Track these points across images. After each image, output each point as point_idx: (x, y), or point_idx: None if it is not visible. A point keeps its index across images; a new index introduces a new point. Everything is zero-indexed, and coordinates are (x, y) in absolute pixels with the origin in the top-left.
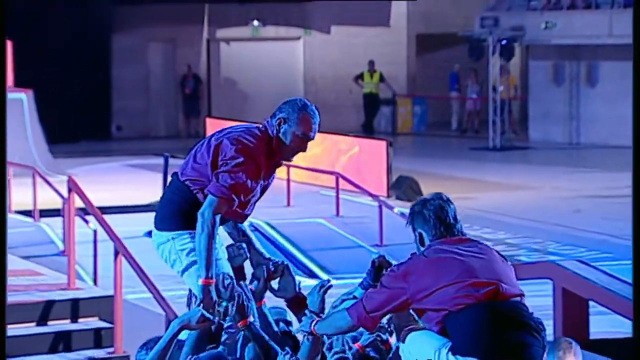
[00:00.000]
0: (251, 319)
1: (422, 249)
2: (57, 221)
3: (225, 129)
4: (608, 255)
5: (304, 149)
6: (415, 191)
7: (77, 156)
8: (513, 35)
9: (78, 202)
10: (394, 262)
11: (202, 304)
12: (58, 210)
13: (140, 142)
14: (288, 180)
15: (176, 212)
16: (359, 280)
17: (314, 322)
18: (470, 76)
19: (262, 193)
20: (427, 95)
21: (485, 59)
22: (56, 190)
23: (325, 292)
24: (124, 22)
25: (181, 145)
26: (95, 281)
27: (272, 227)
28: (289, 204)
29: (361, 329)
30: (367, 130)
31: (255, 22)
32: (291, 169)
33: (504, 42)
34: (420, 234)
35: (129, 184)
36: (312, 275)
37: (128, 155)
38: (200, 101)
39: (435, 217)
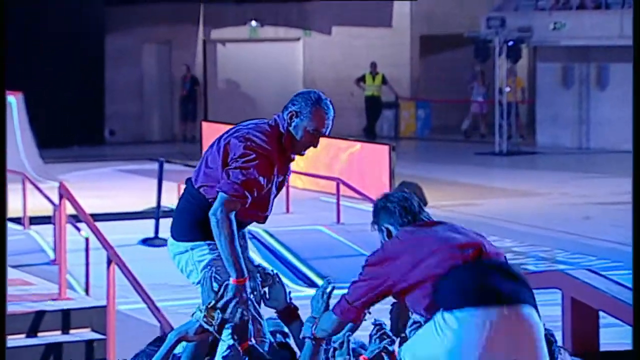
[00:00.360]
0: (252, 341)
1: None
2: (48, 229)
3: (234, 127)
4: (619, 264)
5: (315, 144)
6: (419, 197)
7: (69, 161)
8: (520, 36)
9: (69, 209)
10: None
11: (205, 315)
12: (49, 217)
13: (134, 147)
14: (287, 186)
15: (193, 221)
16: None
17: (314, 326)
18: (477, 78)
19: (278, 190)
20: (431, 98)
21: (491, 61)
22: (47, 197)
23: (329, 297)
24: (118, 22)
25: (177, 150)
26: (87, 291)
27: (271, 235)
28: (288, 211)
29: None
30: (369, 135)
31: (253, 23)
32: (290, 174)
33: (510, 43)
34: (388, 230)
35: (122, 190)
36: (312, 284)
37: (121, 161)
38: (198, 104)
39: (400, 207)
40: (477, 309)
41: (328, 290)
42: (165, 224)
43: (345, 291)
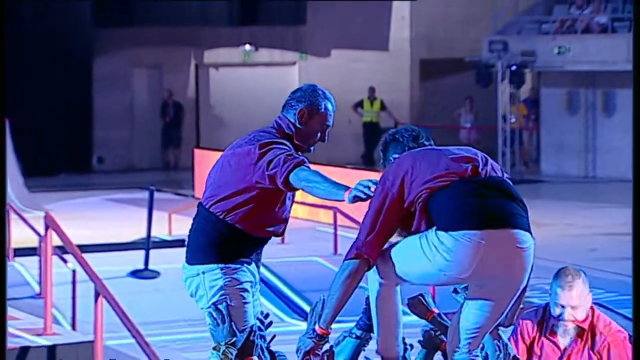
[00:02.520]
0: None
1: None
2: (33, 261)
3: (233, 143)
4: (627, 297)
5: (325, 139)
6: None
7: (55, 190)
8: (523, 61)
9: (56, 240)
10: None
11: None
12: (34, 248)
13: (124, 175)
14: None
15: (206, 243)
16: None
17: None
18: (465, 104)
19: (290, 205)
20: (431, 124)
21: (494, 86)
22: (32, 227)
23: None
24: (107, 45)
25: (168, 178)
26: (73, 326)
27: (265, 267)
28: (282, 241)
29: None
30: (368, 162)
31: (247, 46)
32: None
33: (513, 67)
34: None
35: (111, 220)
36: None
37: (110, 189)
38: (181, 130)
39: (407, 135)
40: (472, 232)
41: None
42: (156, 255)
43: (343, 327)
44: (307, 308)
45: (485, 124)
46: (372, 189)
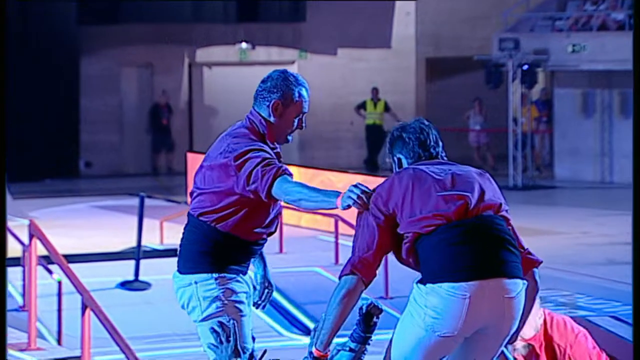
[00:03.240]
0: None
1: None
2: (16, 272)
3: (208, 153)
4: None
5: (302, 127)
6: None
7: (40, 196)
8: (536, 60)
9: (40, 250)
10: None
11: None
12: (17, 259)
13: (112, 181)
14: (280, 223)
15: (198, 252)
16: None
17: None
18: (474, 106)
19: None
20: (438, 127)
21: (504, 86)
22: (15, 236)
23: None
24: (94, 44)
25: (158, 184)
26: (59, 340)
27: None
28: (281, 251)
29: None
30: (371, 167)
31: (244, 44)
32: (283, 211)
33: (525, 67)
34: (399, 160)
35: (99, 228)
36: (308, 332)
37: (98, 195)
38: (172, 133)
39: (414, 139)
40: (457, 284)
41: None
42: (146, 265)
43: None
44: (306, 321)
45: (495, 127)
46: (364, 196)
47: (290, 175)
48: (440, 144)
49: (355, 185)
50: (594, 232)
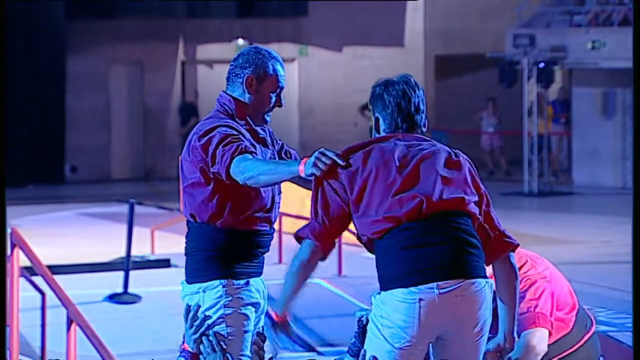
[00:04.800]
0: None
1: (376, 135)
2: None
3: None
4: None
5: (280, 104)
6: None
7: (23, 203)
8: (553, 57)
9: (23, 260)
10: None
11: None
12: None
13: (100, 186)
14: (280, 232)
15: (204, 258)
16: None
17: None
18: (487, 107)
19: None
20: (447, 128)
21: (519, 85)
22: None
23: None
24: (81, 40)
25: (149, 190)
26: (42, 357)
27: None
28: (280, 261)
29: None
30: None
31: (240, 41)
32: (283, 218)
33: (541, 65)
34: (377, 120)
35: (85, 237)
36: (309, 348)
37: (85, 202)
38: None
39: (394, 104)
40: (407, 289)
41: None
42: (136, 277)
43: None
44: (307, 337)
45: (508, 129)
46: (330, 164)
47: (252, 153)
48: (422, 108)
49: (321, 152)
50: (615, 242)
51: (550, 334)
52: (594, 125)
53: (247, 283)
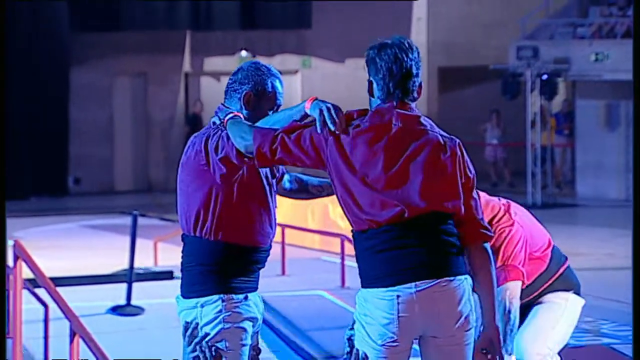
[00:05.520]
0: None
1: (371, 100)
2: None
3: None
4: None
5: None
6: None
7: (26, 215)
8: (556, 69)
9: (26, 272)
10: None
11: None
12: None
13: (103, 198)
14: (282, 243)
15: (201, 272)
16: None
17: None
18: (491, 118)
19: (271, 189)
20: None
21: (522, 97)
22: None
23: None
24: (85, 52)
25: (153, 202)
26: None
27: (263, 302)
28: (283, 273)
29: None
30: None
31: (244, 53)
32: (286, 229)
33: (544, 77)
34: (371, 83)
35: (88, 249)
36: None
37: (88, 214)
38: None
39: (386, 69)
40: (386, 289)
41: None
42: (140, 289)
43: None
44: (310, 350)
45: (512, 141)
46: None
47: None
48: (415, 71)
49: (333, 106)
50: (619, 254)
51: (522, 282)
52: (598, 137)
53: (246, 298)
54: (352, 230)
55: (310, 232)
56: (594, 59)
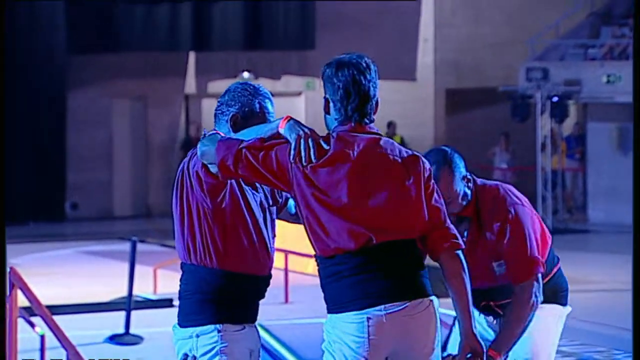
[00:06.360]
0: None
1: (327, 117)
2: None
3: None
4: None
5: None
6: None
7: (22, 242)
8: (567, 91)
9: (22, 300)
10: None
11: None
12: None
13: (101, 224)
14: (285, 270)
15: (199, 301)
16: None
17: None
18: (500, 142)
19: (265, 216)
20: None
21: (532, 120)
22: None
23: None
24: (83, 74)
25: (152, 227)
26: None
27: (266, 330)
28: (286, 300)
29: None
30: None
31: (246, 74)
32: (289, 256)
33: (555, 99)
34: (327, 101)
35: (86, 276)
36: None
37: (86, 240)
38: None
39: (344, 91)
40: (355, 312)
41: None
42: (139, 317)
43: None
44: None
45: (522, 164)
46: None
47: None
48: (372, 92)
49: (308, 136)
50: (631, 282)
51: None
52: (610, 161)
53: (244, 328)
54: (315, 256)
55: (313, 257)
56: (606, 81)
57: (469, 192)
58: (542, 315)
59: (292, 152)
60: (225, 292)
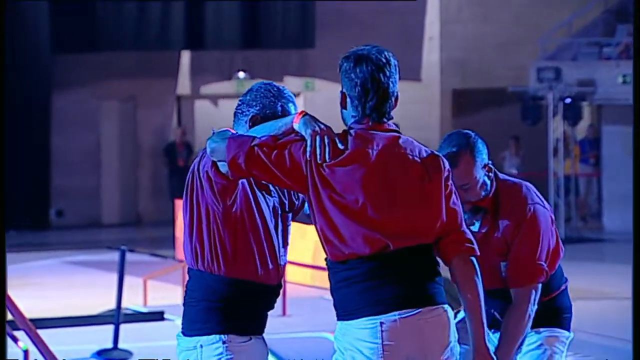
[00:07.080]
0: None
1: (343, 112)
2: None
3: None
4: None
5: None
6: (454, 297)
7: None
8: (580, 92)
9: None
10: None
11: None
12: None
13: (88, 232)
14: (283, 282)
15: (205, 309)
16: None
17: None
18: (510, 146)
19: (276, 222)
20: None
21: (543, 123)
22: None
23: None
24: (69, 74)
25: (142, 236)
26: None
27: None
28: (284, 313)
29: None
30: None
31: (241, 74)
32: (287, 266)
33: (568, 100)
34: (344, 95)
35: (72, 287)
36: None
37: (72, 250)
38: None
39: (361, 88)
40: (367, 318)
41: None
42: (128, 331)
43: None
44: None
45: (532, 170)
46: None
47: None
48: (392, 89)
49: (324, 133)
50: None
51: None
52: (626, 166)
53: (250, 339)
54: (327, 259)
55: (312, 268)
56: (622, 82)
57: (488, 181)
58: (550, 343)
59: (307, 149)
60: (232, 300)
